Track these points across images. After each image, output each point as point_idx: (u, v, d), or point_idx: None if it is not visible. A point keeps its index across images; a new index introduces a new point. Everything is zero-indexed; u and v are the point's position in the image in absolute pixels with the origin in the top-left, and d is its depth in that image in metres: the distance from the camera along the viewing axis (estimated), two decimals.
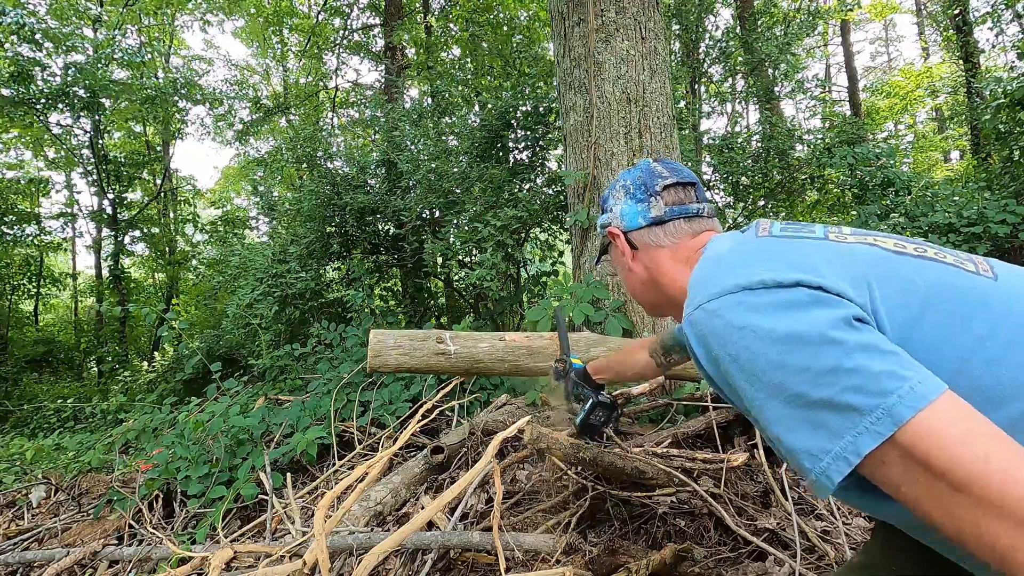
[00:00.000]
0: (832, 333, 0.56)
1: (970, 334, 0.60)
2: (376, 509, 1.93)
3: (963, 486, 0.48)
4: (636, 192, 0.96)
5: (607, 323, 2.76)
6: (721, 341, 0.63)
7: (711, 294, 0.66)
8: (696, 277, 0.74)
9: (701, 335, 0.66)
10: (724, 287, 0.65)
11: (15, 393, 8.98)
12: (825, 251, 0.68)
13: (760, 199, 6.28)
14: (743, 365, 0.61)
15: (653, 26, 3.15)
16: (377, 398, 2.85)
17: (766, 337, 0.59)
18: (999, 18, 8.28)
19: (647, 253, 0.95)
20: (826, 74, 18.08)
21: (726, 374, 0.64)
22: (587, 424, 1.46)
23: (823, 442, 0.55)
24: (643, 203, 0.95)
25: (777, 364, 0.57)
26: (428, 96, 9.60)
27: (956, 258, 0.70)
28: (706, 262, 0.76)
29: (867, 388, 0.53)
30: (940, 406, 0.51)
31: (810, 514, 1.70)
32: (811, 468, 0.56)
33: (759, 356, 0.59)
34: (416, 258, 5.13)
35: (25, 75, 8.39)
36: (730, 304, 0.63)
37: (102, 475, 3.02)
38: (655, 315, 1.02)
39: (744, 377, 0.61)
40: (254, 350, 5.09)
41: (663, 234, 0.93)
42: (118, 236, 11.43)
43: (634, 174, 0.99)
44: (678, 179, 0.95)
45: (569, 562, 1.44)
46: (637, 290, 1.00)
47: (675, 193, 0.94)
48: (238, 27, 14.49)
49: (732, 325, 0.62)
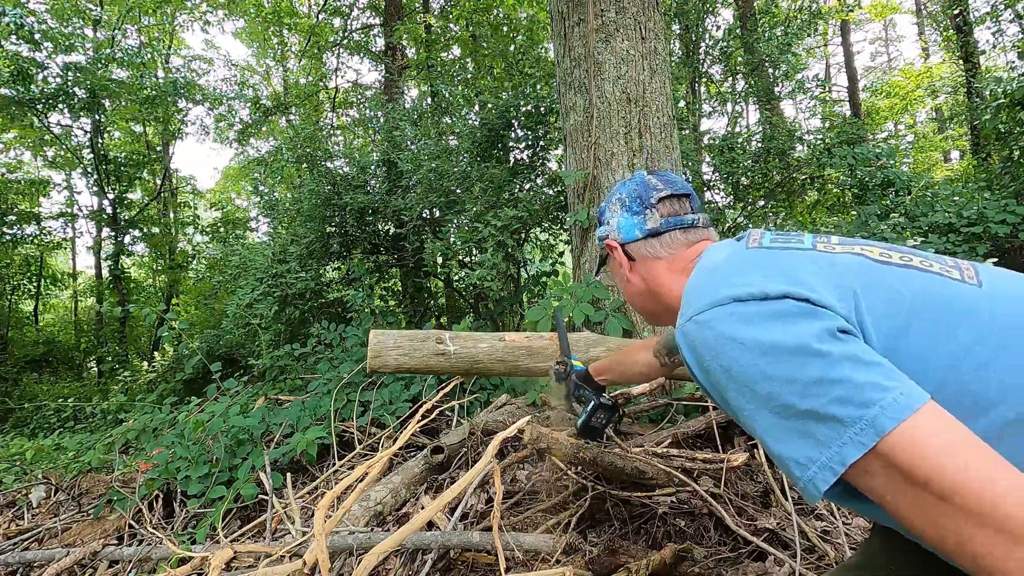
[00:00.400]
0: (817, 345, 0.58)
1: (956, 342, 0.61)
2: (376, 509, 1.93)
3: (945, 495, 0.49)
4: (632, 205, 0.98)
5: (607, 323, 2.76)
6: (712, 352, 0.65)
7: (702, 305, 0.68)
8: (689, 287, 0.77)
9: (692, 346, 0.68)
10: (715, 299, 0.67)
11: (15, 393, 8.98)
12: (812, 262, 0.70)
13: (760, 199, 6.27)
14: (733, 376, 0.63)
15: (653, 26, 3.15)
16: (377, 398, 2.85)
17: (755, 348, 0.61)
18: (998, 17, 8.28)
19: (644, 265, 0.97)
20: (826, 74, 18.07)
21: (717, 384, 0.66)
22: (588, 426, 1.45)
23: (810, 451, 0.57)
24: (639, 215, 0.97)
25: (765, 375, 0.59)
26: (428, 96, 9.60)
27: (942, 266, 0.71)
28: (699, 272, 0.79)
29: (851, 399, 0.54)
30: (922, 417, 0.53)
31: (810, 514, 1.70)
32: (800, 476, 0.58)
33: (748, 367, 0.61)
34: (416, 258, 5.12)
35: (24, 75, 8.39)
36: (720, 316, 0.65)
37: (102, 475, 3.02)
38: (653, 324, 1.05)
39: (735, 387, 0.63)
40: (254, 350, 5.09)
41: (659, 245, 0.95)
42: (118, 236, 11.43)
43: (629, 187, 1.01)
44: (673, 191, 0.97)
45: (569, 562, 1.44)
46: (635, 300, 1.02)
47: (670, 205, 0.96)
48: (238, 27, 14.50)
49: (722, 336, 0.64)
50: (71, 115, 10.01)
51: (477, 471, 1.31)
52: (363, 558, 1.26)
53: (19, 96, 8.61)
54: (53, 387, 9.53)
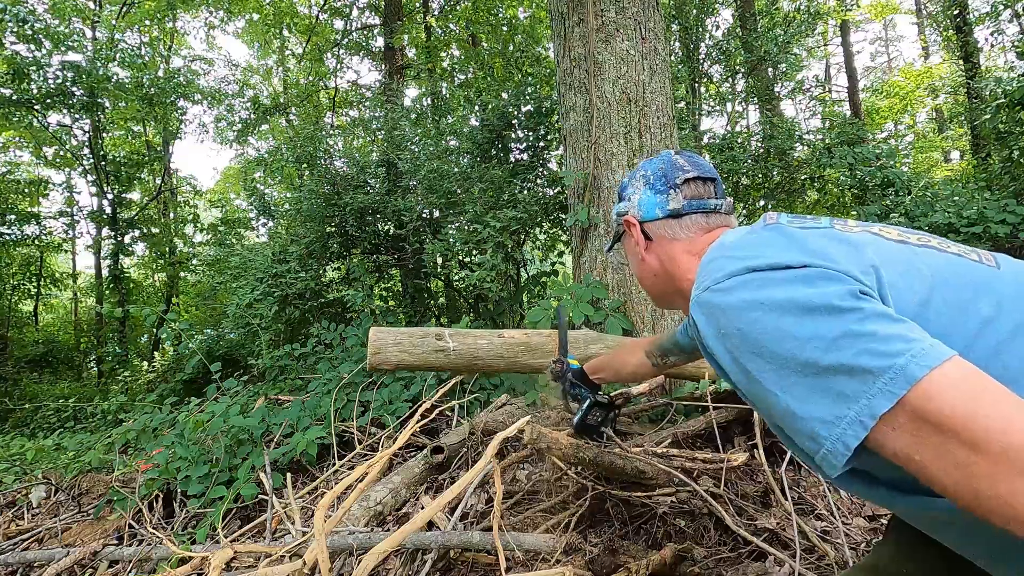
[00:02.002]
0: (841, 303, 0.56)
1: (978, 316, 0.60)
2: (376, 509, 1.93)
3: (979, 444, 0.47)
4: (656, 183, 0.95)
5: (607, 323, 2.76)
6: (732, 316, 0.63)
7: (721, 275, 0.66)
8: (704, 262, 0.74)
9: (710, 313, 0.66)
10: (733, 269, 0.65)
11: (15, 393, 8.97)
12: (831, 238, 0.68)
13: (760, 199, 6.28)
14: (754, 338, 0.60)
15: (653, 26, 3.15)
16: (377, 398, 2.85)
17: (776, 309, 0.59)
18: (998, 17, 8.28)
19: (661, 245, 0.94)
20: (826, 74, 18.07)
21: (735, 351, 0.63)
22: (584, 424, 1.46)
23: (837, 408, 0.54)
24: (662, 194, 0.94)
25: (789, 334, 0.57)
26: (428, 96, 9.61)
27: (960, 248, 0.71)
28: (716, 248, 0.76)
29: (879, 350, 0.53)
30: (951, 366, 0.52)
31: (810, 514, 1.70)
32: (826, 436, 0.55)
33: (770, 328, 0.59)
34: (416, 258, 5.12)
35: (23, 74, 8.38)
36: (740, 282, 0.63)
37: (102, 475, 3.02)
38: (663, 306, 1.02)
39: (754, 351, 0.61)
40: (254, 350, 5.09)
41: (679, 227, 0.92)
42: (118, 236, 11.42)
43: (655, 165, 0.98)
44: (699, 173, 0.94)
45: (569, 562, 1.44)
46: (647, 280, 0.99)
47: (695, 187, 0.93)
48: (239, 28, 14.50)
49: (743, 300, 0.62)
50: (70, 115, 10.00)
51: (477, 471, 1.31)
52: (363, 558, 1.26)
53: (17, 95, 8.60)
54: (53, 387, 9.53)
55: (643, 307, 2.89)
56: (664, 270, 0.94)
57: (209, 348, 6.43)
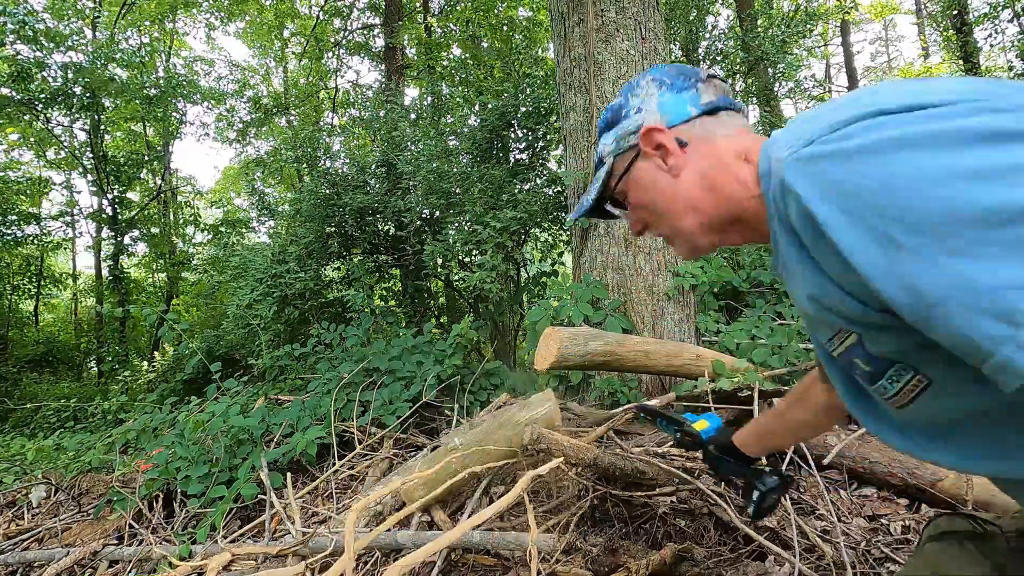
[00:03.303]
0: (1015, 127, 0.44)
1: None
2: (376, 509, 1.93)
3: None
4: (677, 81, 0.76)
5: (607, 323, 2.76)
6: (862, 166, 0.47)
7: (838, 121, 0.51)
8: (792, 125, 0.58)
9: (820, 171, 0.50)
10: (852, 115, 0.50)
11: (15, 393, 8.97)
12: (976, 80, 0.52)
13: None
14: (902, 188, 0.45)
15: (653, 26, 3.15)
16: (377, 398, 2.86)
17: (931, 145, 0.45)
18: (997, 17, 8.28)
19: (699, 150, 0.72)
20: (826, 74, 18.08)
21: (866, 216, 0.47)
22: (761, 512, 1.13)
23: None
24: (689, 90, 0.75)
25: (953, 173, 0.43)
26: (428, 96, 9.61)
27: None
28: (805, 116, 0.58)
29: None
30: None
31: (810, 514, 1.70)
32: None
33: (927, 169, 0.44)
34: (416, 259, 5.13)
35: (23, 74, 8.39)
36: (868, 125, 0.48)
37: (102, 475, 3.02)
38: (703, 244, 0.76)
39: (903, 206, 0.45)
40: (254, 350, 5.09)
41: (719, 125, 0.73)
42: (118, 236, 11.43)
43: (663, 68, 0.79)
44: (712, 73, 0.78)
45: (569, 562, 1.45)
46: (679, 208, 0.74)
47: (719, 85, 0.77)
48: (240, 28, 14.51)
49: (879, 141, 0.47)
50: (69, 115, 10.01)
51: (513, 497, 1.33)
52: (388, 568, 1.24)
53: (19, 95, 8.61)
54: (53, 387, 9.53)
55: (643, 307, 2.89)
56: (708, 183, 0.71)
57: (209, 348, 6.44)
